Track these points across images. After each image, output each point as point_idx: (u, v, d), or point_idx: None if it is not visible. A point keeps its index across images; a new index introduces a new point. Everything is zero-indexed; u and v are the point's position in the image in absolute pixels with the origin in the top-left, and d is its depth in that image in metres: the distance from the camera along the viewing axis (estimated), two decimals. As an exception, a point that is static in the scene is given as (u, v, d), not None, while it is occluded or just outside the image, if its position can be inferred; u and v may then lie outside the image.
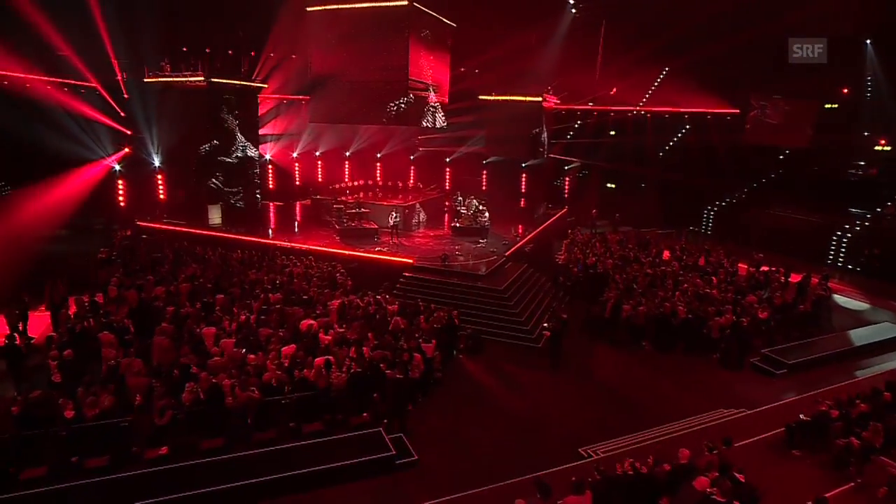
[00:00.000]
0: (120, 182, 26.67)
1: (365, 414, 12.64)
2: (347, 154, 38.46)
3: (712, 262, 23.03)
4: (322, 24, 27.35)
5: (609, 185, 37.34)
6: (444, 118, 30.32)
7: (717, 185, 33.28)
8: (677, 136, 35.28)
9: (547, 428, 12.98)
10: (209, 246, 22.70)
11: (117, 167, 26.59)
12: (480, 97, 31.30)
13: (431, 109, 28.90)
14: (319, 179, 37.56)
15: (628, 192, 36.14)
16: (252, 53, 31.37)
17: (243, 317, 15.18)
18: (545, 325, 16.95)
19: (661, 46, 29.51)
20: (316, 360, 13.08)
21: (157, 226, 25.40)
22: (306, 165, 36.86)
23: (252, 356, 13.07)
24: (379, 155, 38.67)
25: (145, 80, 25.34)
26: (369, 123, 28.14)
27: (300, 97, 31.09)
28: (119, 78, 26.35)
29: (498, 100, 30.96)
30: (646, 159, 35.35)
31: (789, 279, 21.71)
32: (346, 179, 38.39)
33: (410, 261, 20.92)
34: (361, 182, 37.13)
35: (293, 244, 22.87)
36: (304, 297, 17.29)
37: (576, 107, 35.16)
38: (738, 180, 33.32)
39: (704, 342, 16.96)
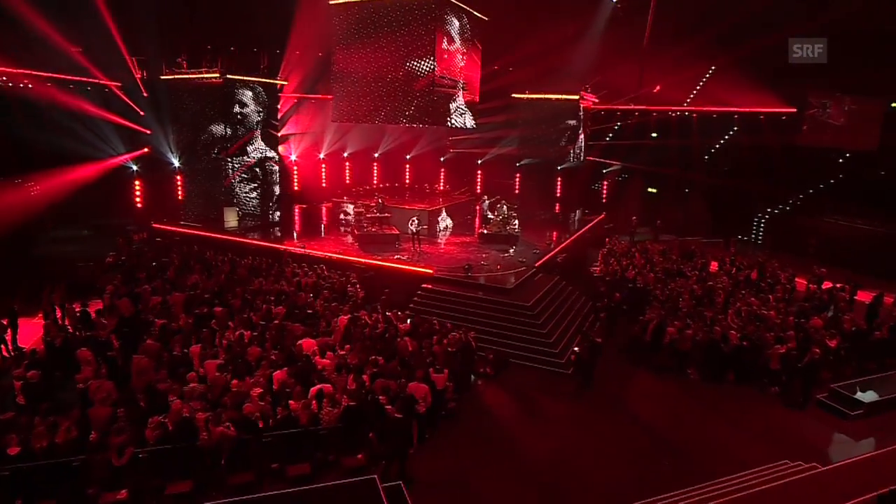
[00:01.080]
0: (137, 182, 25.51)
1: (360, 455, 10.73)
2: (376, 155, 36.90)
3: (767, 276, 20.46)
4: (345, 17, 25.63)
5: (650, 189, 34.69)
6: (473, 118, 28.27)
7: (770, 190, 30.36)
8: (725, 137, 32.36)
9: (575, 478, 10.82)
10: (221, 251, 21.24)
11: (134, 167, 25.47)
12: (513, 95, 29.24)
13: (460, 108, 26.88)
14: (347, 181, 36.10)
15: (671, 197, 33.44)
16: (277, 51, 30.16)
17: (237, 333, 13.48)
18: (576, 348, 14.78)
19: (709, 39, 26.84)
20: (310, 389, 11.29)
21: (173, 228, 24.12)
22: (333, 166, 35.44)
23: (236, 381, 11.29)
24: (408, 157, 36.97)
25: (162, 77, 24.10)
26: (392, 122, 26.25)
27: (323, 97, 29.46)
28: (138, 76, 25.20)
29: (532, 98, 28.89)
30: (691, 162, 32.62)
31: (855, 297, 19.11)
32: (375, 181, 36.86)
33: (431, 271, 18.99)
34: (383, 185, 35.37)
35: (307, 250, 21.20)
36: (309, 311, 15.52)
37: (615, 106, 32.64)
38: (792, 185, 30.29)
39: (760, 372, 14.52)
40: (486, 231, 24.26)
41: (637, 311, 17.35)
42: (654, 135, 33.54)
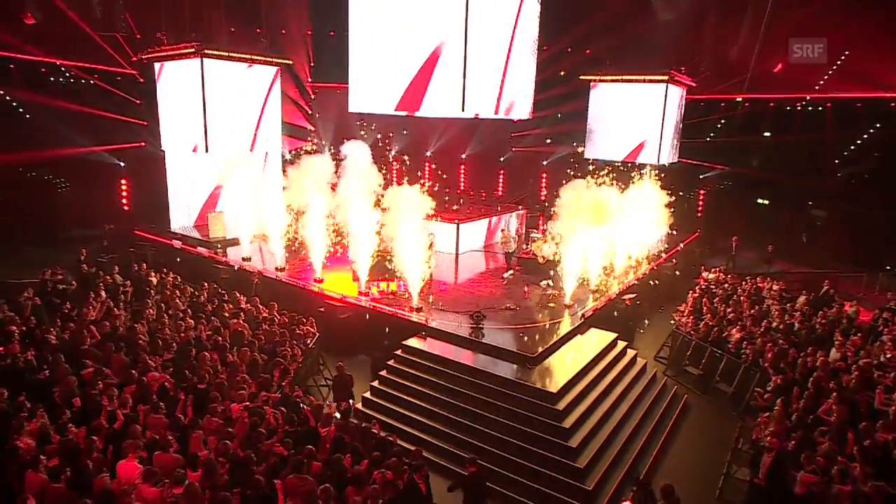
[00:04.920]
0: (123, 182, 20.93)
1: None
2: (428, 154, 30.83)
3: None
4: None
5: (761, 200, 26.05)
6: (529, 107, 21.26)
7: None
8: (869, 132, 23.07)
9: None
10: (178, 272, 16.00)
11: (121, 163, 20.97)
12: (582, 77, 21.95)
13: (509, 94, 20.04)
14: (395, 183, 30.30)
15: (789, 211, 24.73)
16: (308, 33, 24.98)
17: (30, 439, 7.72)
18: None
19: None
20: None
21: (151, 236, 19.26)
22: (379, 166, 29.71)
23: None
24: (463, 156, 30.54)
25: (143, 56, 19.20)
26: (412, 111, 19.77)
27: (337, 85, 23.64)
28: (135, 59, 20.51)
29: (606, 81, 21.49)
30: (820, 165, 23.80)
31: None
32: (426, 183, 30.76)
33: (423, 319, 12.53)
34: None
35: (277, 275, 15.51)
36: (201, 385, 9.54)
37: (717, 96, 24.40)
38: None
39: None
40: (523, 256, 17.47)
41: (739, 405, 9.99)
42: (767, 134, 24.97)
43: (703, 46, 21.66)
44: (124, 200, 20.99)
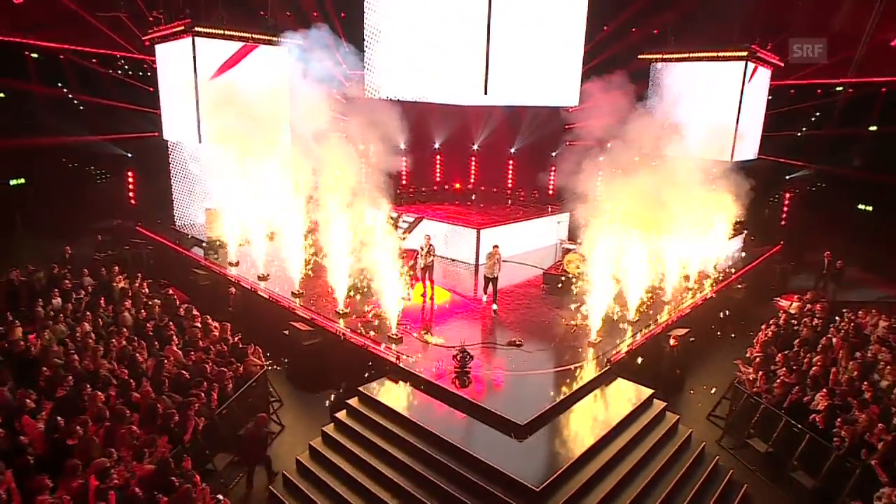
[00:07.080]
0: (129, 174, 19.26)
1: None
2: (475, 147, 27.83)
3: None
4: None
5: (863, 206, 21.18)
6: (574, 92, 17.70)
7: None
8: None
9: None
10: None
11: (128, 154, 19.38)
12: (641, 57, 18.17)
13: (545, 77, 16.62)
14: (438, 178, 27.84)
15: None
16: (342, 15, 22.51)
17: None
18: None
19: None
20: None
21: (151, 234, 17.46)
22: (420, 161, 27.04)
23: None
24: (512, 150, 27.28)
25: (144, 39, 17.30)
26: (431, 98, 16.73)
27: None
28: (147, 42, 18.76)
29: (671, 59, 17.64)
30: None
31: None
32: (472, 180, 27.92)
33: (394, 358, 9.62)
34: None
35: (254, 285, 13.09)
36: (70, 441, 7.13)
37: (813, 80, 19.83)
38: None
39: None
40: (554, 272, 14.15)
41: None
42: (872, 128, 20.19)
43: (796, 16, 17.28)
44: (130, 194, 19.36)
